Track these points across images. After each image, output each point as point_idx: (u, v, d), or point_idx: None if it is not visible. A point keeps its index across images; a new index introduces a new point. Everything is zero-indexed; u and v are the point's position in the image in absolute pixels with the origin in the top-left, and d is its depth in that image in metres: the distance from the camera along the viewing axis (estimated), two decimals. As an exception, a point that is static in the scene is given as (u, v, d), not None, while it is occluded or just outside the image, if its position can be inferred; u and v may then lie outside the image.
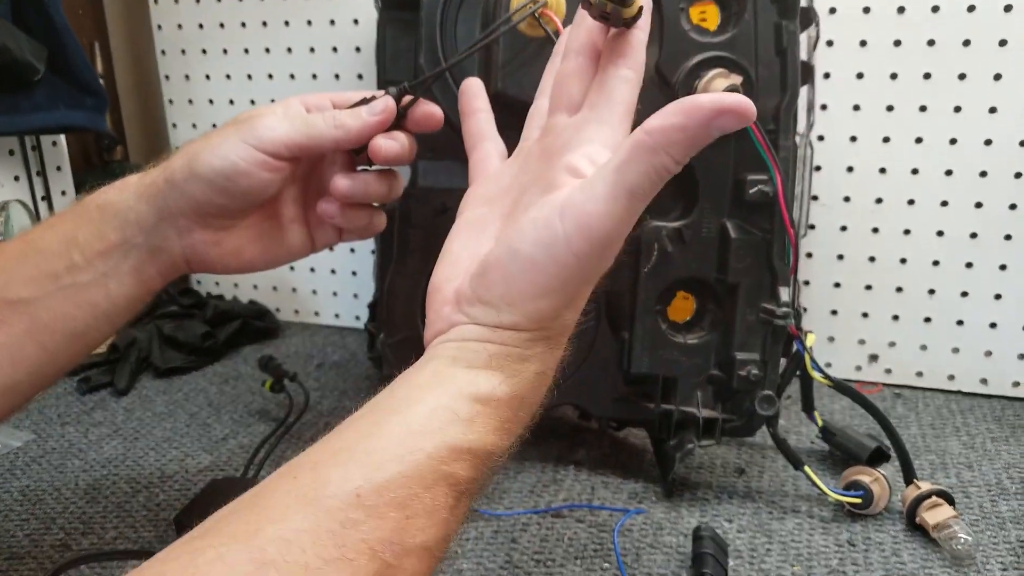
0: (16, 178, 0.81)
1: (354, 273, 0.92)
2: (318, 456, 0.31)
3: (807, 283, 0.78)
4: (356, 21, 0.84)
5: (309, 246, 0.50)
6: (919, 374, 0.77)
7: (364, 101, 0.46)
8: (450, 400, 0.33)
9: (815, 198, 0.75)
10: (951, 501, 0.53)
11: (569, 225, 0.32)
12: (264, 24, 0.87)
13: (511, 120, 0.44)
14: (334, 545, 0.28)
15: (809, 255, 0.77)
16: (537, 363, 0.35)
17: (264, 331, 0.91)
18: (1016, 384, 0.74)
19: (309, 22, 0.85)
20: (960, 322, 0.74)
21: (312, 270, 0.94)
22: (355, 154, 0.47)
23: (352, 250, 0.92)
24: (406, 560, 0.29)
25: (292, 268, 0.94)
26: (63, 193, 0.85)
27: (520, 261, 0.33)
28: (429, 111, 0.47)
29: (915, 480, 0.55)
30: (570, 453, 0.64)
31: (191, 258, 0.46)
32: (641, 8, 0.35)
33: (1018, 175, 0.70)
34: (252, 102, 0.90)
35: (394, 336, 0.62)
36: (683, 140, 0.30)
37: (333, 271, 0.93)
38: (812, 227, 0.76)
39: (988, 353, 0.74)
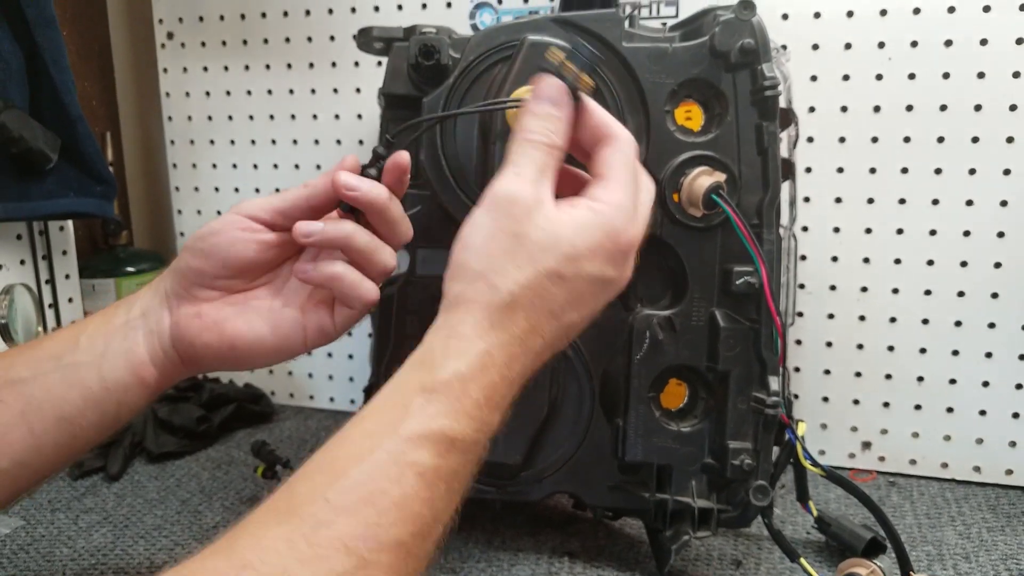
0: (22, 262, 0.83)
1: (350, 356, 0.93)
2: (290, 479, 0.33)
3: (797, 370, 0.79)
4: (360, 116, 0.88)
5: (299, 333, 0.47)
6: (912, 462, 0.77)
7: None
8: (400, 396, 0.35)
9: (802, 286, 0.77)
10: (948, 594, 0.53)
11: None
12: (271, 117, 0.91)
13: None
14: (308, 545, 0.29)
15: (798, 342, 0.78)
16: (479, 340, 0.37)
17: (259, 415, 0.91)
18: (1009, 472, 0.74)
19: (315, 116, 0.89)
20: (950, 409, 0.75)
21: (308, 353, 0.94)
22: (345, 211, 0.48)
23: (349, 333, 0.93)
24: (382, 555, 0.31)
25: (289, 351, 0.95)
26: (67, 276, 0.87)
27: (456, 240, 0.40)
28: (396, 160, 0.47)
29: (912, 572, 0.54)
30: (565, 544, 0.64)
31: (175, 335, 0.46)
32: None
33: (998, 265, 0.72)
34: (256, 190, 0.93)
35: (389, 422, 0.63)
36: None
37: (329, 354, 0.94)
38: (800, 314, 0.78)
39: (979, 441, 0.74)
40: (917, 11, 0.70)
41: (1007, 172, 0.70)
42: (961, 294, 0.73)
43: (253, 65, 0.90)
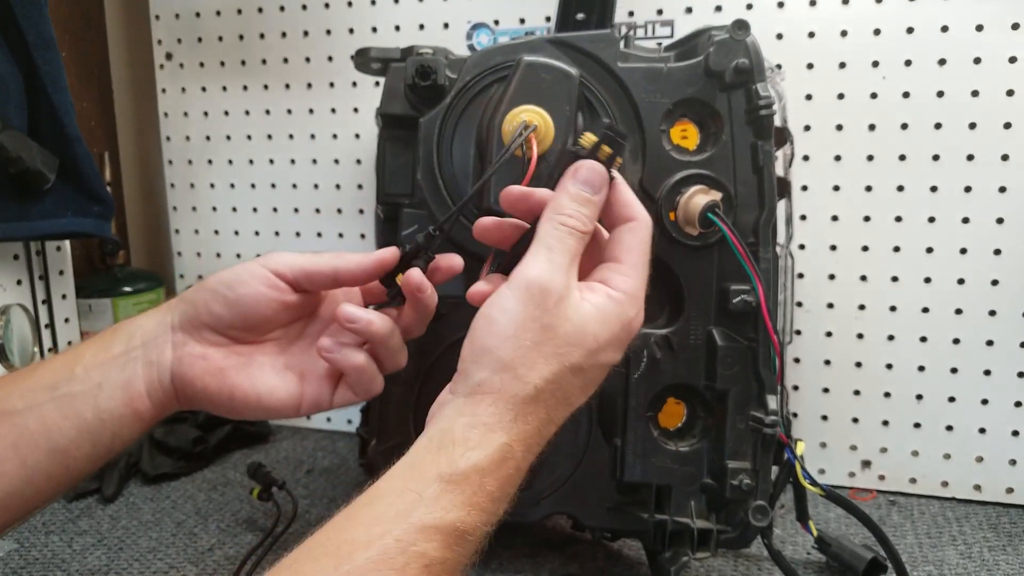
0: (19, 282, 0.83)
1: (348, 376, 0.93)
2: (296, 555, 0.32)
3: (796, 388, 0.79)
4: (358, 136, 0.88)
5: (296, 398, 0.47)
6: (912, 480, 0.76)
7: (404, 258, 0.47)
8: (416, 483, 0.35)
9: (799, 304, 0.77)
10: (950, 615, 0.52)
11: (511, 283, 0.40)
12: (269, 137, 0.91)
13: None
14: None
15: (797, 360, 0.78)
16: (501, 433, 0.37)
17: (255, 435, 0.90)
18: (1010, 490, 0.74)
19: (313, 136, 0.90)
20: (950, 427, 0.75)
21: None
22: (385, 285, 0.48)
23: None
24: None
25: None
26: (64, 297, 0.87)
27: (480, 319, 0.39)
28: (452, 265, 0.48)
29: (913, 593, 0.54)
30: (564, 566, 0.63)
31: (176, 371, 0.45)
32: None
33: (995, 282, 0.72)
34: (254, 210, 0.93)
35: (386, 442, 0.63)
36: None
37: (327, 374, 0.93)
38: (798, 333, 0.77)
39: (979, 459, 0.74)
40: (911, 30, 0.71)
41: (1003, 190, 0.71)
42: (959, 312, 0.73)
43: (251, 85, 0.91)
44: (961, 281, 0.73)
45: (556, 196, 0.43)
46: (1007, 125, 0.70)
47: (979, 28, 0.69)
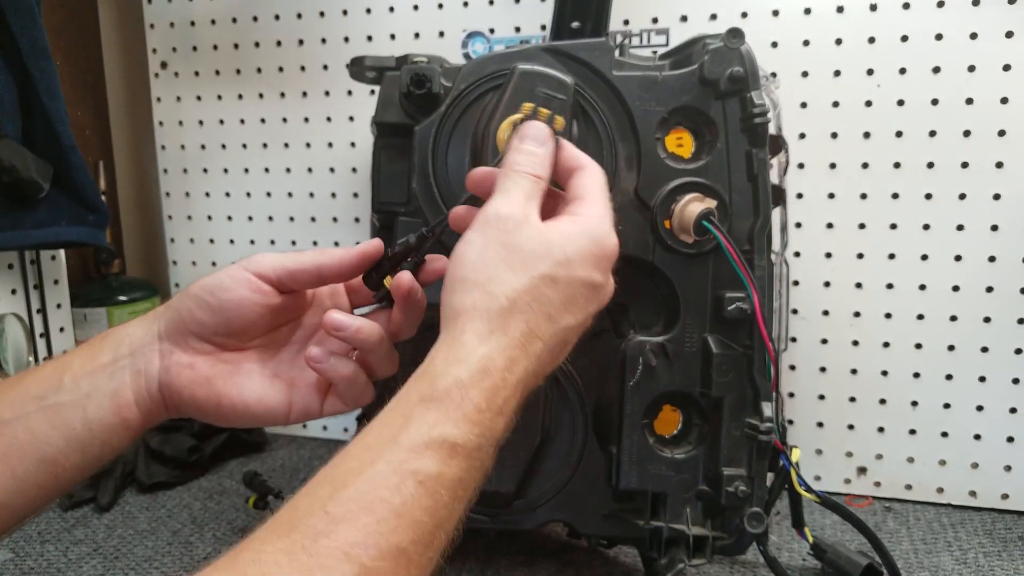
0: (13, 291, 0.82)
1: (344, 384, 0.92)
2: (294, 497, 0.33)
3: (792, 395, 0.79)
4: (353, 144, 0.88)
5: (285, 407, 0.46)
6: (908, 487, 0.76)
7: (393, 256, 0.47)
8: (401, 408, 0.36)
9: (795, 312, 0.77)
10: (947, 622, 0.52)
11: None
12: (264, 146, 0.91)
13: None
14: (308, 556, 0.30)
15: (792, 368, 0.78)
16: (479, 345, 0.38)
17: (251, 444, 0.90)
18: (1005, 496, 0.74)
19: (308, 144, 0.90)
20: (945, 434, 0.75)
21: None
22: (371, 287, 0.48)
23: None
24: (383, 562, 0.31)
25: (282, 379, 0.95)
26: (58, 306, 0.87)
27: (451, 258, 0.42)
28: (439, 268, 0.47)
29: (909, 600, 0.54)
30: (560, 573, 0.63)
31: (163, 381, 0.45)
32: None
33: (990, 289, 0.72)
34: (250, 218, 0.93)
35: (382, 451, 0.62)
36: None
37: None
38: (794, 340, 0.78)
39: (975, 465, 0.74)
40: (905, 38, 0.71)
41: (997, 197, 0.71)
42: (954, 319, 0.73)
43: (246, 94, 0.91)
44: (956, 288, 0.73)
45: (505, 156, 0.45)
46: (1001, 133, 0.70)
47: (973, 36, 0.70)
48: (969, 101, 0.71)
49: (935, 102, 0.71)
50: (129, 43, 1.02)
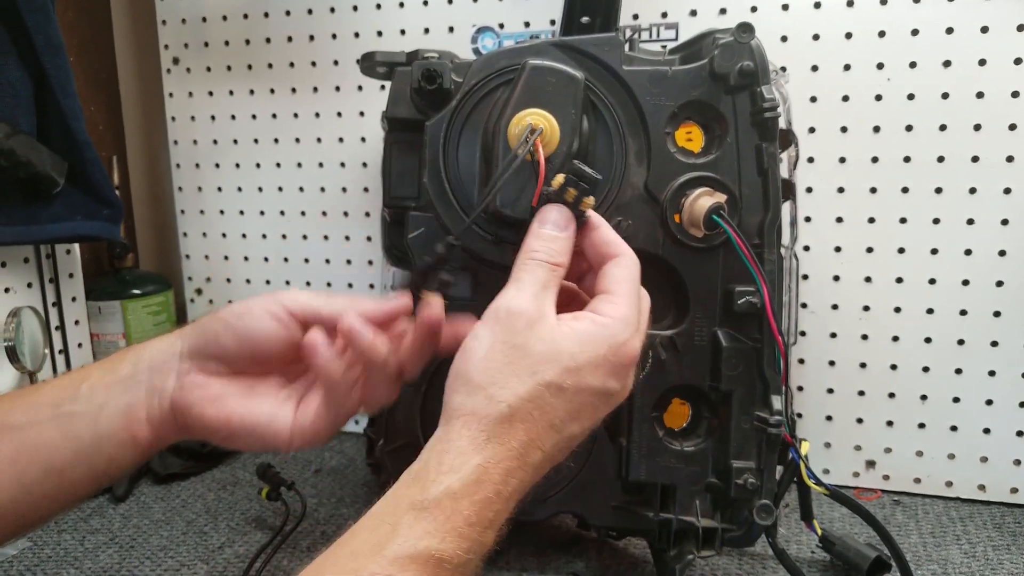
0: (29, 284, 0.83)
1: (355, 377, 0.93)
2: None
3: (800, 389, 0.79)
4: (363, 139, 0.89)
5: (287, 427, 0.45)
6: (917, 480, 0.77)
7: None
8: (390, 515, 0.35)
9: (804, 306, 0.77)
10: (955, 614, 0.53)
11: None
12: (276, 141, 0.92)
13: (505, 234, 0.49)
14: None
15: (801, 361, 0.78)
16: (475, 454, 0.36)
17: (263, 436, 0.91)
18: (1014, 490, 0.74)
19: (319, 139, 0.90)
20: (954, 428, 0.75)
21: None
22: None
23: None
24: None
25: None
26: (73, 299, 0.88)
27: (458, 352, 0.40)
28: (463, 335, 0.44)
29: (917, 592, 0.54)
30: (569, 564, 0.63)
31: (176, 398, 0.45)
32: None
33: (999, 283, 0.72)
34: (261, 213, 0.94)
35: (393, 443, 0.63)
36: None
37: (334, 375, 0.94)
38: (803, 334, 0.78)
39: (984, 459, 0.74)
40: (915, 32, 0.71)
41: (1007, 191, 0.71)
42: (963, 313, 0.73)
43: (258, 89, 0.91)
44: (966, 282, 0.73)
45: (524, 241, 0.43)
46: (1012, 127, 0.70)
47: (984, 30, 0.70)
48: (980, 95, 0.70)
49: (945, 96, 0.71)
50: (141, 39, 1.02)
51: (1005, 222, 0.71)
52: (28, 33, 0.74)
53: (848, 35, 0.73)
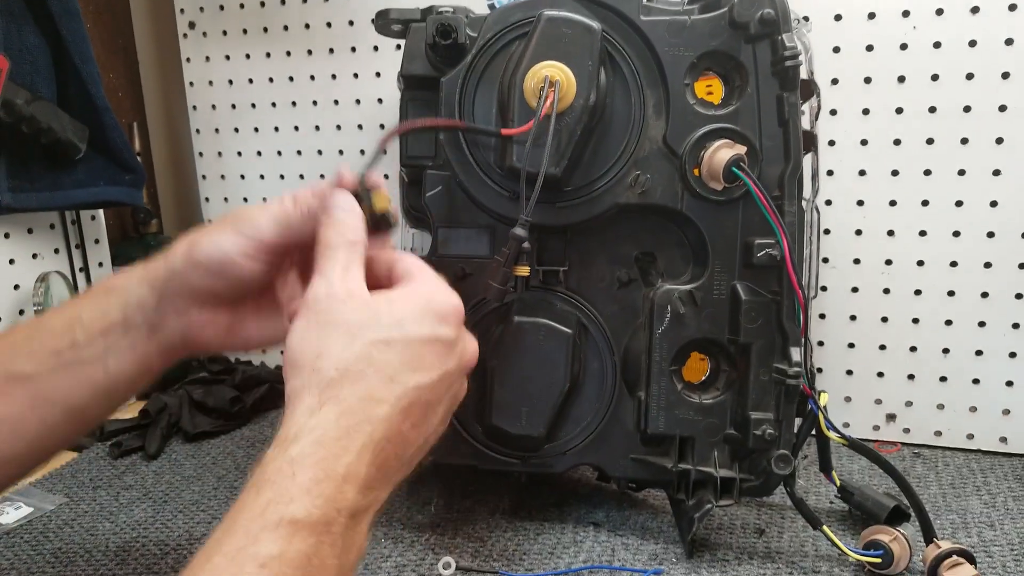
0: (56, 250, 0.85)
1: (376, 338, 0.94)
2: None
3: (821, 344, 0.79)
4: (380, 100, 0.89)
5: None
6: (937, 433, 0.77)
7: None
8: (237, 501, 0.34)
9: (825, 260, 0.77)
10: (972, 560, 0.53)
11: None
12: (293, 104, 0.92)
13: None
14: None
15: (822, 316, 0.78)
16: (310, 420, 0.36)
17: (289, 396, 0.93)
18: (1037, 442, 0.74)
19: (336, 101, 0.90)
20: (976, 381, 0.75)
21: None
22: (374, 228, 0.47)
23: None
24: None
25: (316, 334, 0.97)
26: (100, 264, 0.89)
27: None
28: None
29: (935, 539, 0.55)
30: (589, 515, 0.65)
31: (187, 337, 0.47)
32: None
33: (1025, 235, 0.71)
34: (281, 177, 0.95)
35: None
36: None
37: (356, 336, 0.95)
38: (824, 288, 0.77)
39: (1006, 411, 0.74)
40: (941, -23, 0.69)
41: (1034, 139, 0.69)
42: (988, 265, 0.72)
43: (274, 52, 0.91)
44: (991, 235, 0.72)
45: (318, 233, 0.43)
46: (1040, 76, 0.68)
47: (1011, 8, 0.67)
48: (1009, 42, 0.69)
49: (973, 44, 0.70)
50: (157, 4, 1.02)
51: (1032, 173, 0.70)
52: (44, 0, 0.74)
53: (872, -18, 0.71)
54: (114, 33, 1.00)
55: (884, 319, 0.76)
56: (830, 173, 0.75)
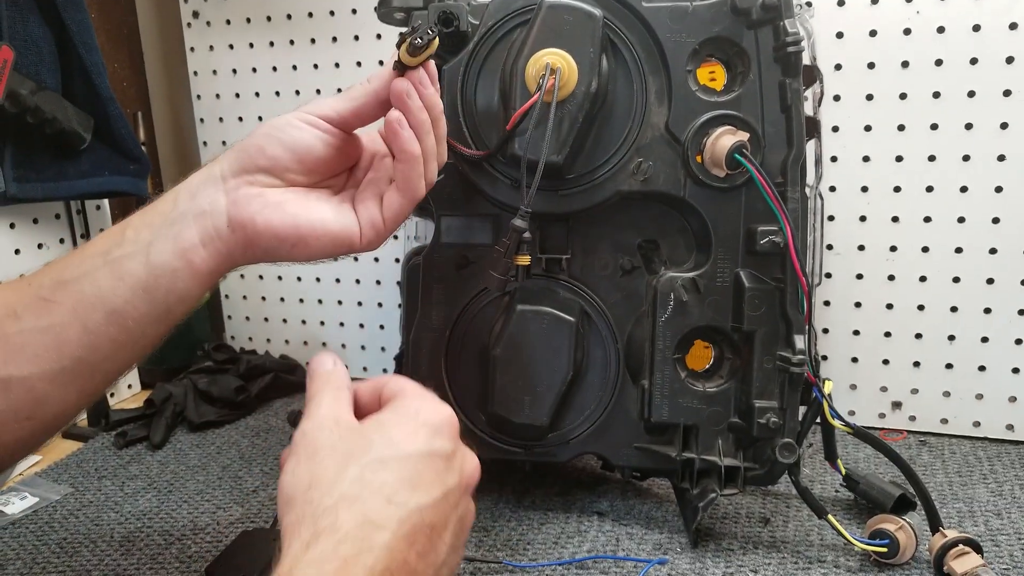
0: (61, 240, 0.85)
1: (381, 327, 0.95)
2: None
3: (826, 331, 0.78)
4: (382, 88, 0.88)
5: (355, 223, 0.48)
6: (944, 421, 0.76)
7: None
8: None
9: (830, 247, 0.76)
10: (979, 550, 0.53)
11: None
12: (297, 93, 0.92)
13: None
14: None
15: (827, 303, 0.78)
16: (306, 553, 0.34)
17: (295, 384, 0.93)
18: (1044, 430, 0.73)
19: (339, 90, 0.89)
20: (982, 368, 0.74)
21: (341, 324, 0.96)
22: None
23: (380, 304, 0.95)
24: None
25: (322, 323, 0.97)
26: (105, 255, 0.89)
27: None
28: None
29: (941, 528, 0.54)
30: (594, 504, 0.65)
31: (232, 214, 0.45)
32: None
33: (1032, 221, 0.70)
34: (284, 166, 0.94)
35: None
36: None
37: (361, 325, 0.95)
38: (828, 276, 0.77)
39: (1013, 399, 0.74)
40: (947, -39, 0.69)
41: (1041, 125, 0.69)
42: (993, 251, 0.72)
43: (277, 41, 0.91)
44: (996, 220, 0.71)
45: (307, 387, 0.43)
46: (1048, 59, 0.67)
47: None
48: (1013, 26, 0.68)
49: (976, 28, 0.69)
50: (160, -6, 1.02)
51: (1040, 158, 0.69)
52: (47, -12, 0.74)
53: (878, -34, 0.71)
54: (118, 22, 1.00)
55: (889, 306, 0.76)
56: (834, 159, 0.75)
